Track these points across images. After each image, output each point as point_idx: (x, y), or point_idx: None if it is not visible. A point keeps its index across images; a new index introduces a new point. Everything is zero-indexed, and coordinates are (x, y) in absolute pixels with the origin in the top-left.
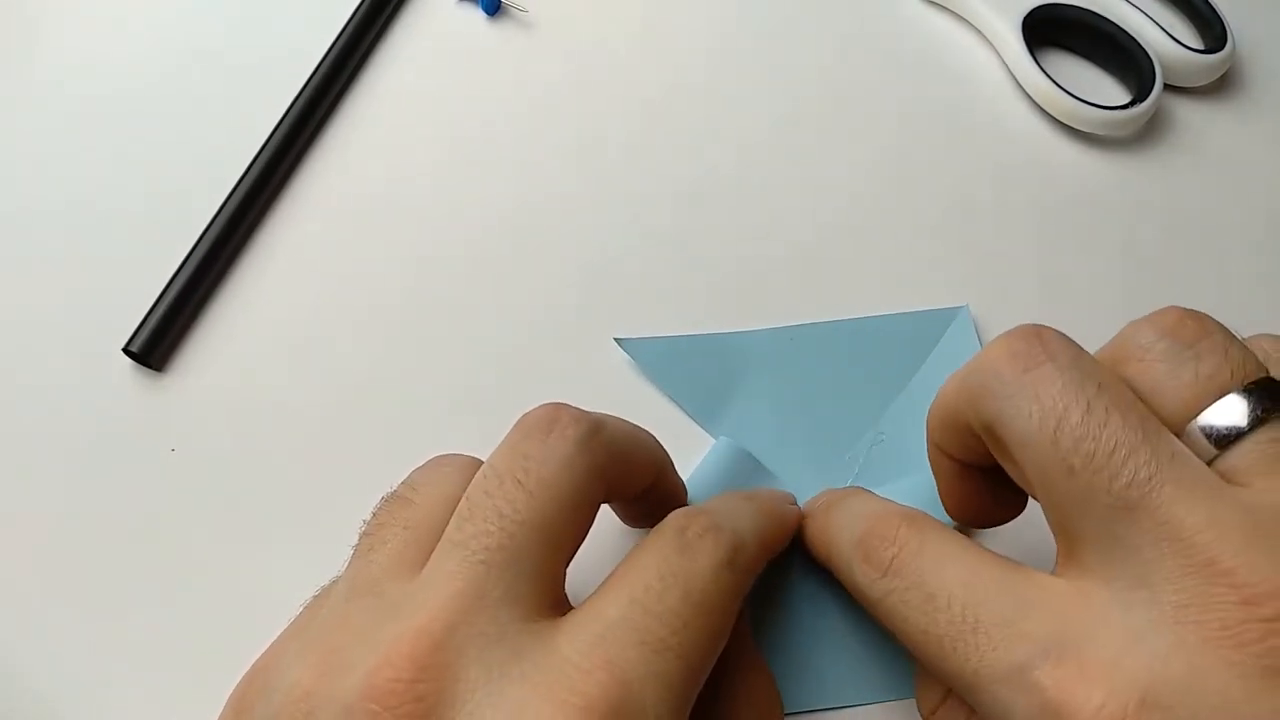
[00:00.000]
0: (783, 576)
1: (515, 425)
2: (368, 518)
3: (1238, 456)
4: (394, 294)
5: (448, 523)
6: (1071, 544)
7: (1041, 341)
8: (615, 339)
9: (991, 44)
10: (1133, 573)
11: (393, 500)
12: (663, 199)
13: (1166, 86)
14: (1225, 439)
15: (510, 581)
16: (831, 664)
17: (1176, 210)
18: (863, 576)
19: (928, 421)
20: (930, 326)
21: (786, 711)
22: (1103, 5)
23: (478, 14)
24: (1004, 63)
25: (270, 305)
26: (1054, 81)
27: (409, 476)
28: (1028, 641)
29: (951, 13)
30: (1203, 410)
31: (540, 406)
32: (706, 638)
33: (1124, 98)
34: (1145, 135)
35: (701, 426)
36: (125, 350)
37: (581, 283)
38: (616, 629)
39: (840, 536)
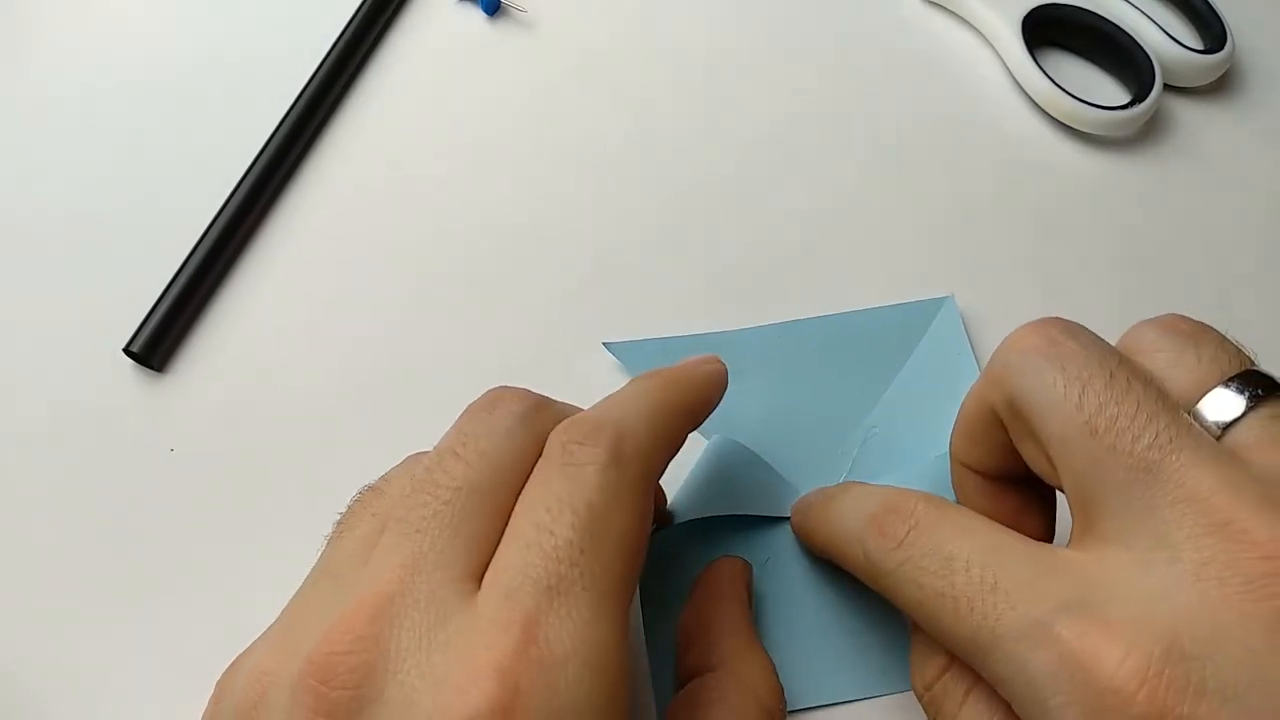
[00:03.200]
0: (783, 575)
1: (463, 411)
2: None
3: (1239, 434)
4: (393, 294)
5: None
6: (1089, 512)
7: (1062, 325)
8: (604, 344)
9: (991, 44)
10: (1152, 533)
11: (366, 492)
12: (662, 198)
13: (1166, 86)
14: (1226, 420)
15: (444, 546)
16: (832, 660)
17: (1176, 210)
18: (876, 548)
19: (951, 440)
20: (916, 317)
21: (791, 709)
22: (1102, 5)
23: (478, 14)
24: (1004, 63)
25: (270, 306)
26: (1054, 82)
27: (385, 473)
28: (1049, 599)
29: (951, 13)
30: (1206, 393)
31: (486, 391)
32: (610, 553)
33: (1124, 98)
34: (1145, 135)
35: None
36: (126, 351)
37: (578, 283)
38: (519, 578)
39: (848, 517)
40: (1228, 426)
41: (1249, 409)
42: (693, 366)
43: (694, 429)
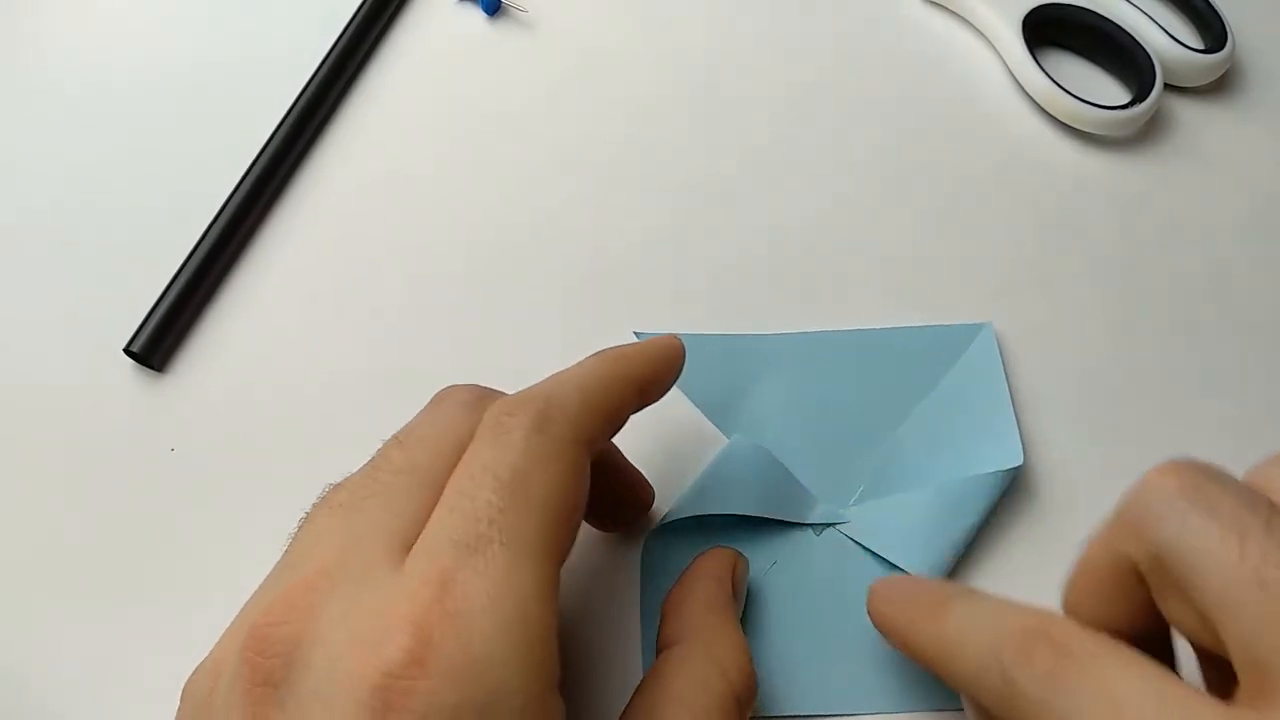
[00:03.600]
0: (787, 580)
1: None
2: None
3: None
4: (396, 293)
5: None
6: (1265, 672)
7: (1198, 467)
8: (635, 333)
9: (992, 44)
10: None
11: (328, 489)
12: (661, 200)
13: (1166, 86)
14: None
15: (380, 521)
16: (827, 671)
17: (1176, 210)
18: (1022, 674)
19: (1067, 593)
20: (952, 342)
21: (782, 713)
22: (1103, 5)
23: (478, 14)
24: (1004, 63)
25: (271, 306)
26: (1054, 81)
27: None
28: None
29: (952, 13)
30: None
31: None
32: (532, 513)
33: (1124, 98)
34: (1145, 135)
35: (715, 425)
36: (126, 350)
37: (578, 283)
38: (439, 539)
39: (977, 629)
40: None
41: None
42: (647, 342)
43: (644, 403)
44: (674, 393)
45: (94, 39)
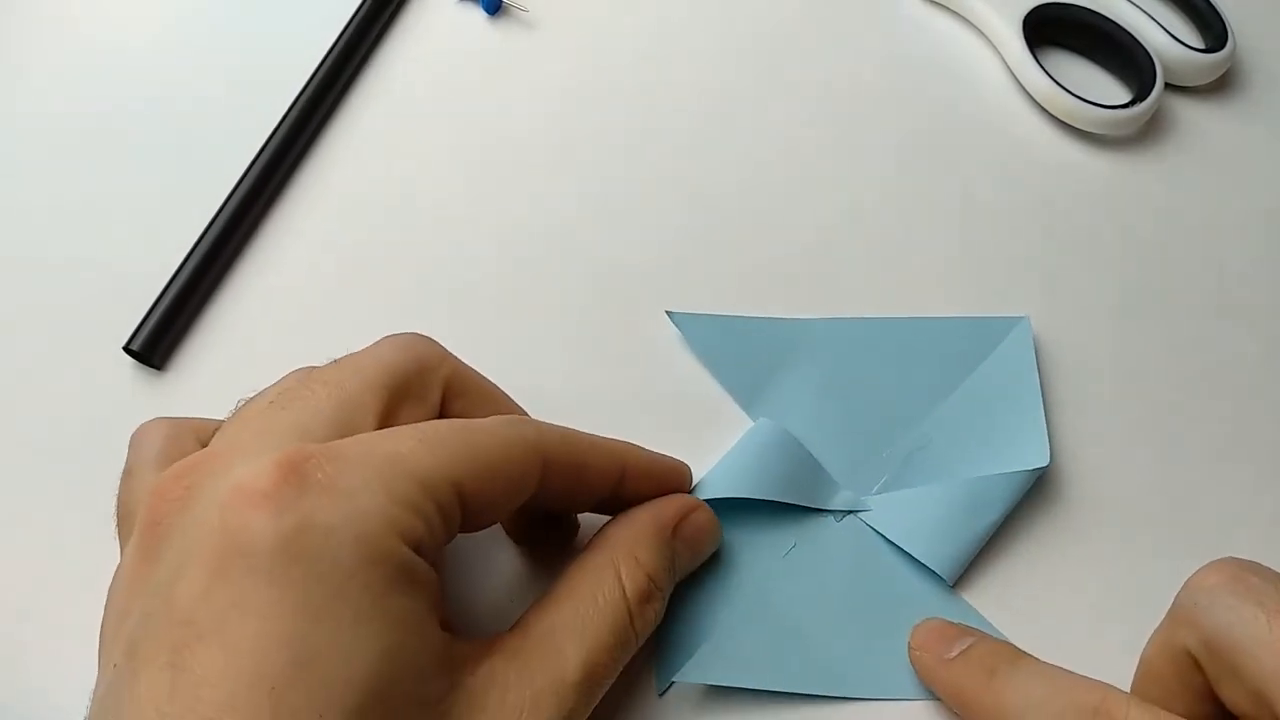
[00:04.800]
0: (804, 566)
1: None
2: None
3: None
4: (396, 292)
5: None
6: None
7: (1240, 562)
8: (667, 312)
9: (992, 44)
10: None
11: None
12: (660, 200)
13: (1167, 86)
14: None
15: (299, 421)
16: (837, 656)
17: (1176, 210)
18: None
19: (1133, 686)
20: (987, 334)
21: (789, 691)
22: (1103, 4)
23: (478, 14)
24: (1005, 62)
25: (272, 304)
26: (1055, 81)
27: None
28: None
29: (952, 13)
30: None
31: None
32: (461, 442)
33: (1124, 97)
34: (1146, 134)
35: (742, 408)
36: (126, 349)
37: (582, 283)
38: (372, 433)
39: (1032, 702)
40: None
41: None
42: (667, 459)
43: (622, 493)
44: (700, 372)
45: (93, 39)
